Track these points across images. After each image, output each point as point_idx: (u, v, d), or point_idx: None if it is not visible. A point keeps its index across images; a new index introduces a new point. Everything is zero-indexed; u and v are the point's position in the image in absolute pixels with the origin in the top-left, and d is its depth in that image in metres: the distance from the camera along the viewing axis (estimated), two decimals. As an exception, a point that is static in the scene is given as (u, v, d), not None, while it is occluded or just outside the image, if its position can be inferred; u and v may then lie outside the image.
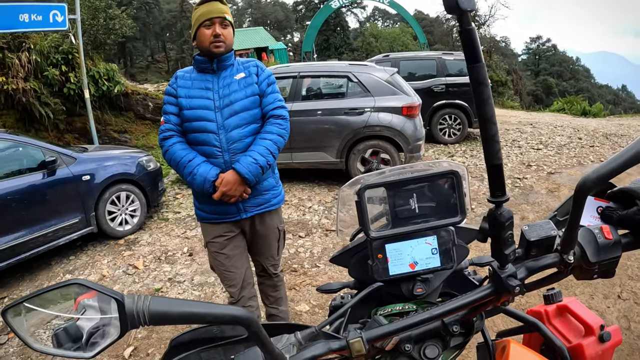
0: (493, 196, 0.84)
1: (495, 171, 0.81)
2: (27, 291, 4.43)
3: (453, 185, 0.96)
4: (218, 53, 2.20)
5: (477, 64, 0.76)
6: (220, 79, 2.26)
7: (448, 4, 0.71)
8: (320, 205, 5.91)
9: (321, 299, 3.63)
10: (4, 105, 8.60)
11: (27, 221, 4.60)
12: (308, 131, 6.39)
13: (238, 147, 2.23)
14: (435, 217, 0.97)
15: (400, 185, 0.98)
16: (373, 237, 0.97)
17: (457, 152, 8.49)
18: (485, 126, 0.79)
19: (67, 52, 9.29)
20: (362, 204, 0.95)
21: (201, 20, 2.18)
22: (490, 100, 0.78)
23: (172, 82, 2.34)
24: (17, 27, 7.86)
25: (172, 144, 2.24)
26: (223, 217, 2.34)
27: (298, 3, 59.03)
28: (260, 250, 2.55)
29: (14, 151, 4.81)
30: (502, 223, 0.85)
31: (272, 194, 2.42)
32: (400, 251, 1.00)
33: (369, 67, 6.65)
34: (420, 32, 26.45)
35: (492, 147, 0.79)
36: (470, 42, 0.75)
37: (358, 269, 1.10)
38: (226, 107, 2.21)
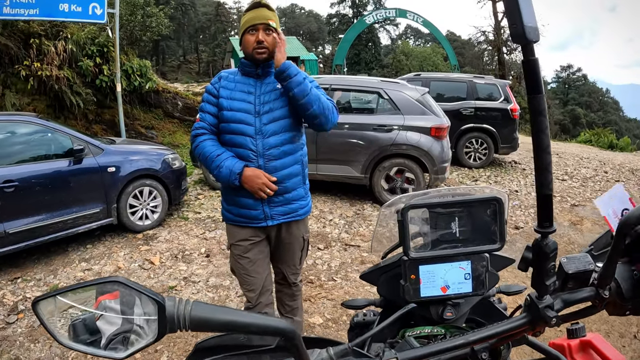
0: (540, 226, 0.84)
1: (545, 201, 0.82)
2: (42, 274, 4.48)
3: (495, 212, 0.96)
4: (261, 59, 2.20)
5: (539, 94, 0.76)
6: (263, 84, 2.26)
7: (515, 32, 0.72)
8: (341, 219, 5.86)
9: (335, 313, 3.58)
10: (36, 90, 8.78)
11: (48, 206, 4.67)
12: (335, 144, 6.37)
13: (273, 153, 2.22)
14: (474, 243, 0.97)
15: (443, 208, 0.97)
16: (412, 258, 0.97)
17: (481, 177, 8.38)
18: (540, 156, 0.79)
19: (103, 45, 9.47)
20: (405, 224, 0.95)
21: (246, 26, 2.20)
22: (547, 130, 0.78)
23: (214, 81, 2.34)
24: (57, 15, 8.04)
25: (203, 140, 2.26)
26: (249, 222, 2.32)
27: (332, 16, 59.48)
28: (283, 258, 2.53)
29: (43, 136, 4.88)
30: (547, 254, 0.84)
31: (300, 204, 2.39)
32: (434, 273, 1.00)
33: (401, 85, 6.61)
34: (452, 53, 26.40)
35: (544, 177, 0.80)
36: (532, 73, 0.75)
37: (387, 288, 1.11)
38: (266, 113, 2.21)
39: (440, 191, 1.12)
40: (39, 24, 8.96)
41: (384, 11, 28.07)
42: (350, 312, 3.46)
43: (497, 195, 0.96)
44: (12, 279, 4.40)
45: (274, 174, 2.23)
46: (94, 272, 4.46)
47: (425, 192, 1.11)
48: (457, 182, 7.89)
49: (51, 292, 0.65)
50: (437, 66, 40.91)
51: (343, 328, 3.38)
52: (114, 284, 0.65)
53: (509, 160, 10.21)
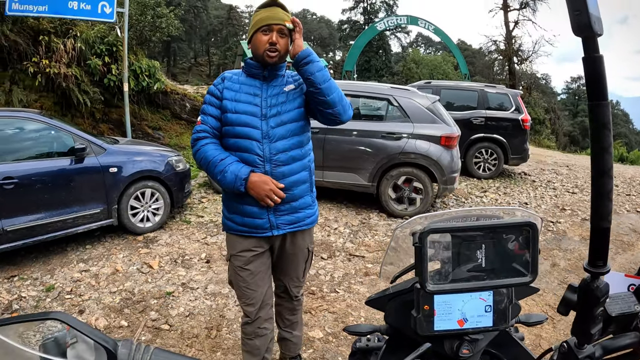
0: (592, 265, 0.71)
1: (601, 235, 0.68)
2: (39, 273, 4.41)
3: (528, 240, 0.82)
4: (271, 62, 2.09)
5: (603, 101, 0.63)
6: (269, 87, 2.16)
7: (578, 22, 0.60)
8: (346, 228, 5.73)
9: (336, 327, 3.44)
10: (44, 87, 8.75)
11: (48, 204, 4.61)
12: (342, 151, 6.25)
13: (281, 158, 2.11)
14: (501, 274, 0.83)
15: (469, 232, 0.83)
16: (430, 291, 0.83)
17: (490, 188, 8.23)
18: (600, 180, 0.65)
19: (112, 44, 9.44)
20: (424, 251, 0.81)
21: (259, 24, 2.07)
22: (611, 148, 0.65)
23: (217, 82, 2.22)
24: (66, 13, 8.05)
25: (205, 144, 2.14)
26: (253, 231, 2.19)
27: (343, 22, 59.46)
28: (285, 269, 2.41)
29: (45, 133, 4.83)
30: (597, 298, 0.72)
31: (307, 212, 2.27)
32: (450, 304, 0.87)
33: (411, 92, 6.48)
34: (463, 62, 26.26)
35: (604, 206, 0.66)
36: (595, 73, 0.62)
37: (395, 317, 0.97)
38: (273, 116, 2.11)
39: (464, 212, 0.97)
40: (48, 21, 8.95)
41: (395, 18, 28.02)
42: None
43: (531, 220, 0.82)
44: (8, 277, 4.32)
45: (281, 180, 2.11)
46: (91, 274, 4.36)
47: (446, 212, 0.96)
48: (465, 192, 7.75)
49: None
50: (448, 75, 40.74)
51: (344, 343, 3.24)
52: (57, 321, 0.55)
53: (519, 171, 10.05)
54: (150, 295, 3.96)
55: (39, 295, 3.99)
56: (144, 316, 3.61)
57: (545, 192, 8.15)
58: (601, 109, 0.62)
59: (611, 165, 0.64)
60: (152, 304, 3.80)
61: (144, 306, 3.77)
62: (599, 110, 0.62)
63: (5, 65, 8.57)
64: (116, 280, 4.26)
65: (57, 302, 3.88)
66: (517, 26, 26.96)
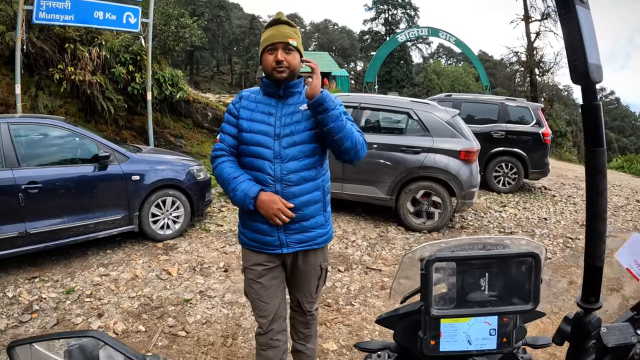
0: (585, 301, 0.76)
1: (593, 274, 0.73)
2: (60, 275, 4.51)
3: (530, 269, 0.86)
4: (280, 79, 2.11)
5: (599, 148, 0.66)
6: (284, 105, 2.17)
7: (576, 70, 0.62)
8: (364, 241, 5.72)
9: (350, 340, 3.44)
10: (69, 94, 8.97)
11: (71, 209, 4.73)
12: (362, 164, 6.18)
13: (292, 179, 2.12)
14: (504, 301, 0.87)
15: (473, 261, 0.87)
16: (434, 315, 0.87)
17: (509, 203, 8.15)
18: (594, 222, 0.69)
19: (136, 53, 9.65)
20: (429, 278, 0.86)
21: (264, 45, 2.11)
22: (605, 192, 0.68)
23: (235, 101, 2.27)
24: (91, 22, 8.27)
25: (222, 161, 2.19)
26: (263, 248, 2.21)
27: (364, 32, 59.79)
28: (298, 285, 2.40)
29: (70, 140, 4.97)
30: (589, 332, 0.76)
31: (319, 232, 2.25)
32: (456, 327, 0.91)
33: (431, 106, 6.48)
34: (484, 73, 26.20)
35: (597, 247, 0.71)
36: (593, 120, 0.65)
37: (404, 336, 1.01)
38: (286, 136, 2.12)
39: (470, 240, 1.01)
40: (74, 30, 9.19)
41: (416, 30, 28.11)
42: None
43: (534, 251, 0.86)
44: (30, 278, 4.44)
45: (291, 200, 2.12)
46: (111, 278, 4.44)
47: (453, 240, 1.01)
48: (484, 207, 7.68)
49: (28, 339, 0.61)
50: (469, 86, 40.61)
51: (357, 357, 3.24)
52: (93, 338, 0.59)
53: (539, 185, 9.93)
54: (168, 301, 4.01)
55: (59, 297, 4.07)
56: (162, 322, 3.66)
57: (565, 207, 8.04)
58: (598, 155, 0.65)
59: (605, 208, 0.67)
60: (169, 310, 3.85)
61: (161, 312, 3.82)
62: (595, 156, 0.65)
63: (32, 72, 8.81)
64: (135, 285, 4.33)
65: (77, 304, 3.95)
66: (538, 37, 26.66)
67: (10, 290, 4.17)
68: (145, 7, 8.68)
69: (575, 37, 0.61)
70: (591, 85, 0.62)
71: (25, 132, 4.70)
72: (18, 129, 4.61)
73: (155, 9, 10.06)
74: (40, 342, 0.61)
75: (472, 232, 6.31)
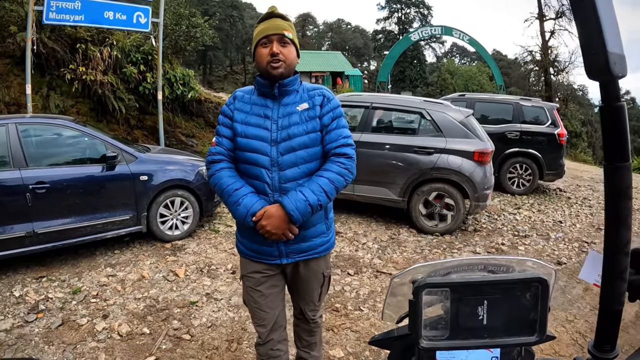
0: (598, 349, 0.65)
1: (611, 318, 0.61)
2: (67, 275, 4.50)
3: (537, 297, 0.74)
4: (276, 74, 1.94)
5: (624, 163, 0.51)
6: (281, 106, 2.01)
7: (593, 63, 0.48)
8: (375, 243, 5.62)
9: (358, 347, 3.35)
10: (80, 93, 9.00)
11: (79, 209, 4.71)
12: (373, 165, 6.16)
13: (291, 187, 1.97)
14: (505, 333, 0.76)
15: (469, 288, 0.76)
16: (423, 348, 0.77)
17: (524, 205, 7.99)
18: (615, 257, 0.56)
19: (147, 53, 9.66)
20: (418, 307, 0.76)
21: (258, 38, 1.96)
22: (629, 220, 0.54)
23: (229, 102, 2.10)
24: (102, 22, 8.28)
25: (219, 168, 2.04)
26: (262, 258, 2.10)
27: (378, 32, 59.52)
28: (300, 294, 2.29)
29: (78, 141, 4.95)
30: None
31: (321, 240, 2.13)
32: (454, 355, 0.81)
33: (444, 106, 6.35)
34: (498, 73, 25.88)
35: (616, 287, 0.58)
36: (615, 126, 0.50)
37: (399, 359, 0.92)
38: (283, 141, 1.97)
39: (470, 261, 0.90)
40: (85, 30, 9.22)
41: (430, 28, 27.86)
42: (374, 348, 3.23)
43: (541, 276, 0.74)
44: (37, 278, 4.42)
45: None
46: (117, 279, 4.40)
47: (450, 261, 0.90)
48: (498, 209, 7.54)
49: None
50: (483, 86, 40.27)
51: (367, 364, 3.15)
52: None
53: (554, 187, 9.75)
54: (174, 303, 3.95)
55: (65, 297, 4.04)
56: (166, 325, 3.60)
57: (580, 210, 7.86)
58: (622, 172, 0.52)
59: (629, 240, 0.54)
60: (175, 312, 3.80)
61: (167, 314, 3.76)
62: (618, 173, 0.52)
63: (43, 72, 8.85)
64: (142, 286, 4.28)
65: (83, 305, 3.91)
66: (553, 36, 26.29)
67: (17, 289, 4.15)
68: (156, 7, 8.67)
69: (591, 20, 0.48)
70: (612, 81, 0.49)
71: (33, 132, 4.68)
72: (26, 129, 4.60)
73: (166, 8, 10.07)
74: None
75: (485, 234, 6.17)
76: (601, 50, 0.47)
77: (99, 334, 3.46)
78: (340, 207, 6.90)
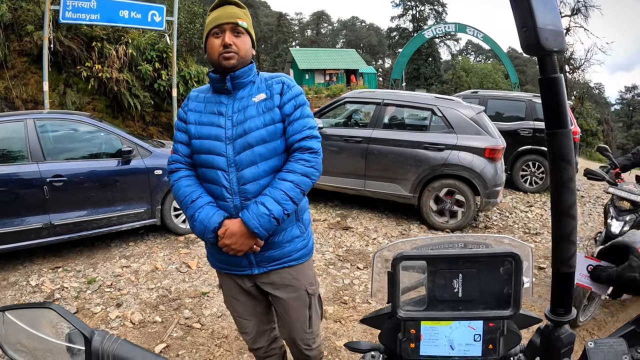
0: (553, 312, 0.67)
1: (562, 281, 0.63)
2: (82, 266, 4.63)
3: (510, 272, 0.77)
4: (228, 66, 1.75)
5: (562, 129, 0.55)
6: (235, 101, 1.80)
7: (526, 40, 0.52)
8: (385, 238, 5.66)
9: (364, 339, 3.39)
10: (96, 91, 9.19)
11: (95, 202, 4.83)
12: (385, 161, 6.20)
13: (250, 189, 1.76)
14: (481, 306, 0.79)
15: (444, 261, 0.79)
16: (401, 317, 0.81)
17: (536, 203, 7.95)
18: (561, 221, 0.59)
19: (162, 51, 9.82)
20: (395, 277, 0.79)
21: (209, 27, 1.77)
22: (572, 184, 0.58)
23: (184, 104, 1.93)
24: (117, 21, 8.48)
25: (177, 178, 1.86)
26: (232, 269, 1.90)
27: (392, 29, 59.34)
28: (285, 323, 2.01)
29: (94, 135, 5.07)
30: (557, 349, 0.68)
31: (294, 247, 1.89)
32: (437, 331, 0.85)
33: (455, 103, 6.35)
34: (513, 70, 25.63)
35: (565, 250, 0.61)
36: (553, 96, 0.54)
37: (389, 337, 0.95)
38: (239, 137, 1.76)
39: (448, 238, 0.94)
40: (101, 29, 9.42)
41: (444, 26, 27.69)
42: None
43: (513, 251, 0.77)
44: (53, 268, 4.55)
45: None
46: (131, 270, 4.51)
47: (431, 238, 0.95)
48: (510, 207, 7.52)
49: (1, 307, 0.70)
50: (498, 83, 39.94)
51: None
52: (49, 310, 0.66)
53: (568, 186, 9.64)
54: (186, 294, 4.04)
55: (80, 287, 4.16)
56: (178, 314, 3.70)
57: (593, 209, 7.81)
58: (560, 138, 0.55)
59: (573, 202, 0.58)
60: (186, 302, 3.89)
61: (178, 304, 3.85)
62: (557, 139, 0.55)
63: (60, 69, 9.05)
64: (155, 277, 4.38)
65: (97, 294, 4.03)
66: (568, 33, 26.01)
67: (34, 279, 4.28)
68: (170, 5, 8.82)
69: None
70: (548, 56, 0.53)
71: (50, 128, 4.82)
72: (43, 125, 4.72)
73: (181, 7, 10.22)
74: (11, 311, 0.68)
75: (495, 231, 6.18)
76: (532, 27, 0.51)
77: (112, 321, 3.57)
78: (352, 202, 6.95)
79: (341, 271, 4.59)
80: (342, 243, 5.40)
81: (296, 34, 65.45)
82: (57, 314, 0.64)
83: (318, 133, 1.85)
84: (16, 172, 4.42)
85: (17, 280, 4.29)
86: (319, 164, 1.80)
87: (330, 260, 4.85)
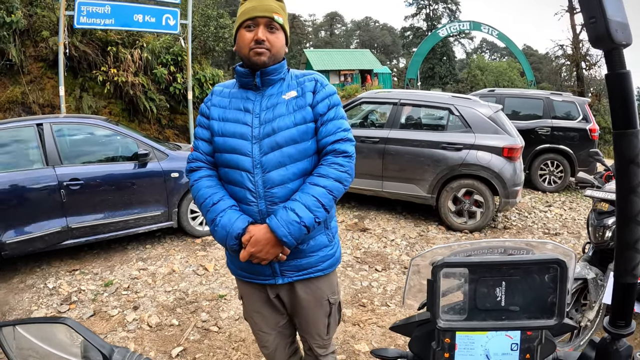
0: (613, 324, 0.63)
1: (625, 292, 0.59)
2: (99, 269, 4.64)
3: (555, 279, 0.73)
4: (259, 63, 1.62)
5: (631, 129, 0.52)
6: (264, 97, 1.67)
7: (594, 31, 0.49)
8: (403, 240, 5.59)
9: (383, 342, 3.34)
10: (112, 94, 9.28)
11: (112, 205, 4.84)
12: (402, 161, 6.14)
13: (278, 194, 1.63)
14: (523, 315, 0.76)
15: (487, 269, 0.75)
16: (441, 328, 0.77)
17: (555, 202, 7.81)
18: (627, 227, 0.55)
19: (177, 54, 9.89)
20: (436, 286, 0.76)
21: (242, 19, 1.62)
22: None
23: (207, 98, 1.80)
24: (132, 25, 8.55)
25: (198, 178, 1.73)
26: (253, 278, 1.78)
27: (406, 29, 59.04)
28: (303, 326, 1.93)
29: (111, 139, 5.10)
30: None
31: (322, 256, 1.76)
32: (473, 340, 0.81)
33: (473, 102, 6.27)
34: (529, 68, 25.36)
35: (629, 259, 0.56)
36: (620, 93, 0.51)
37: (420, 345, 0.91)
38: (267, 137, 1.63)
39: (489, 243, 0.89)
40: (116, 33, 9.52)
41: (458, 24, 27.53)
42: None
43: (559, 257, 0.73)
44: (70, 271, 4.58)
45: None
46: (148, 272, 4.51)
47: (469, 243, 0.90)
48: (529, 206, 7.40)
49: (11, 321, 0.66)
50: (513, 81, 39.54)
51: (391, 359, 3.14)
52: (64, 325, 0.63)
53: (587, 185, 9.47)
54: (203, 297, 4.03)
55: (97, 290, 4.17)
56: (195, 317, 3.68)
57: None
58: (629, 138, 0.52)
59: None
60: (203, 305, 3.87)
61: (195, 307, 3.84)
62: (625, 140, 0.52)
63: (76, 74, 9.15)
64: (172, 280, 4.37)
65: (114, 297, 4.03)
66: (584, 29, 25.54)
67: (51, 281, 4.31)
68: (184, 9, 8.87)
69: None
70: (616, 49, 0.49)
71: (67, 132, 4.85)
72: (60, 129, 4.76)
73: (195, 10, 10.28)
74: (23, 325, 0.65)
75: (515, 232, 6.07)
76: (602, 19, 0.48)
77: (129, 324, 3.56)
78: (369, 203, 6.90)
79: (359, 273, 4.54)
80: (360, 245, 5.35)
81: (310, 35, 65.54)
82: (72, 330, 0.61)
83: (352, 136, 1.72)
84: (33, 176, 4.45)
85: (35, 283, 4.32)
86: (352, 169, 1.68)
87: (348, 262, 4.80)
